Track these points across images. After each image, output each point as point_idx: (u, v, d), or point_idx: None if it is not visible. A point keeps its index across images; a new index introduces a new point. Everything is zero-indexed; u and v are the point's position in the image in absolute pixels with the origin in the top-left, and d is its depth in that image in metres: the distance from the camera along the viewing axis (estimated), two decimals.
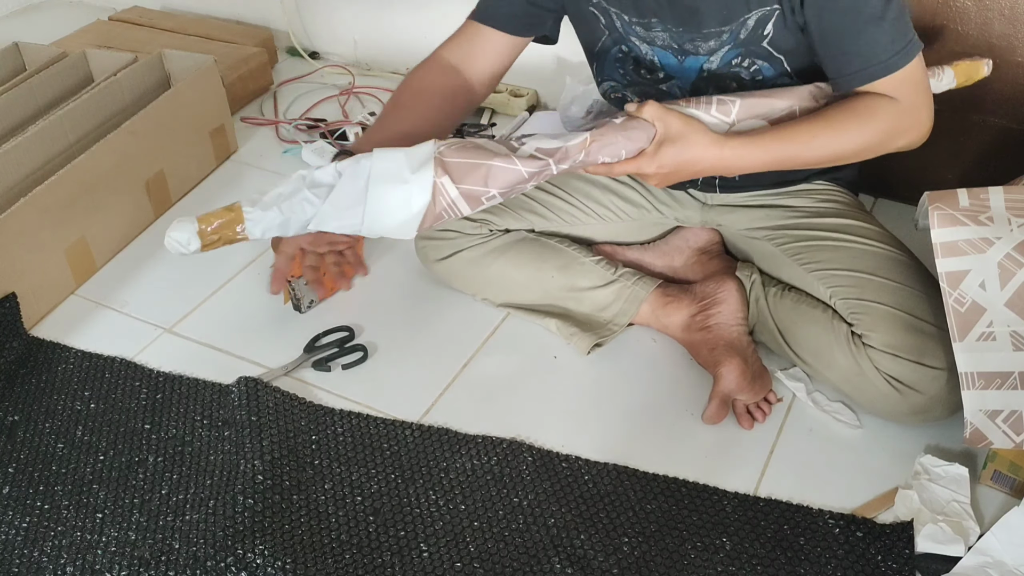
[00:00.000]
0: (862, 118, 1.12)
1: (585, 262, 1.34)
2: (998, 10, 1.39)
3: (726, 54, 1.18)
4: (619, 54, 1.28)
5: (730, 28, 1.15)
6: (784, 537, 1.08)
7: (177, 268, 1.55)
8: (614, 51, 1.27)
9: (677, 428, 1.23)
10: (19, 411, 1.27)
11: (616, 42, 1.26)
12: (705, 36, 1.16)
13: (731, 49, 1.17)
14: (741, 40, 1.16)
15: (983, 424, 1.07)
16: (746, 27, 1.14)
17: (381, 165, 1.05)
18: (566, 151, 1.08)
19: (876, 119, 1.12)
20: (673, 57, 1.22)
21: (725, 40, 1.16)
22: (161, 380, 1.31)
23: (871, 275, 1.18)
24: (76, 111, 1.58)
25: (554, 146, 1.08)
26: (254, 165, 1.83)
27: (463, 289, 1.43)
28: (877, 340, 1.14)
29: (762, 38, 1.15)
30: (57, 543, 1.09)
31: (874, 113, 1.12)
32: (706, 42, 1.17)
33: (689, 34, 1.17)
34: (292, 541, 1.07)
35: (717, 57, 1.19)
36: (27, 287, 1.41)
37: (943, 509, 1.07)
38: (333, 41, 2.21)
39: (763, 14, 1.13)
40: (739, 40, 1.16)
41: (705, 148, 1.11)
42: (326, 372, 1.33)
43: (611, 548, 1.07)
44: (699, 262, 1.38)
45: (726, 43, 1.17)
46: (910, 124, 1.14)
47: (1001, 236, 1.04)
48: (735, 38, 1.16)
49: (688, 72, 1.22)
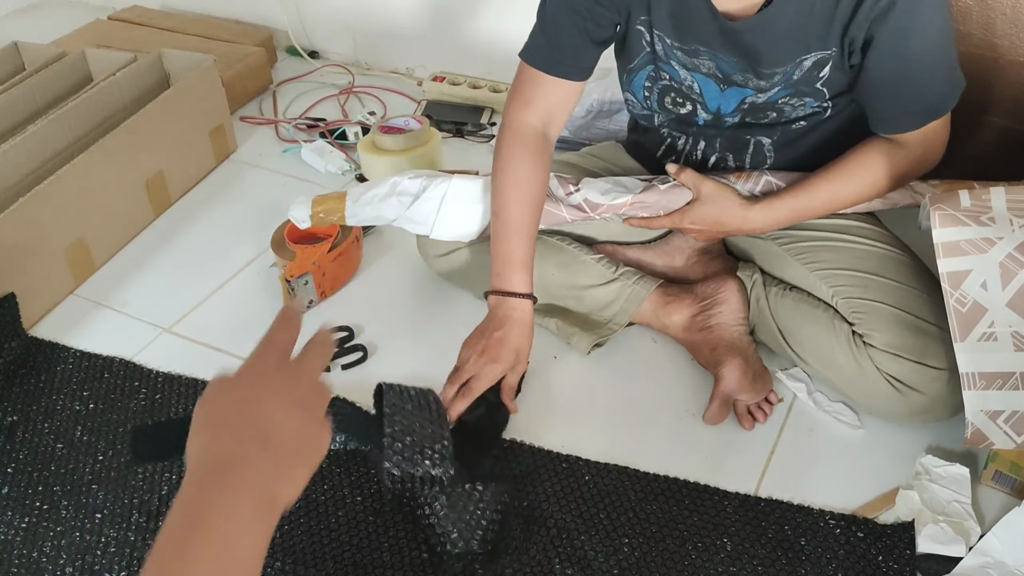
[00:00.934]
0: (880, 172, 1.17)
1: (586, 260, 1.34)
2: (1000, 10, 1.39)
3: (775, 94, 1.18)
4: (651, 73, 1.26)
5: (784, 70, 1.14)
6: (785, 537, 1.07)
7: (176, 268, 1.55)
8: (648, 70, 1.26)
9: (677, 428, 1.23)
10: (18, 411, 1.27)
11: (651, 62, 1.24)
12: (759, 74, 1.15)
13: (782, 89, 1.17)
14: (794, 81, 1.15)
15: (984, 425, 1.06)
16: (801, 68, 1.14)
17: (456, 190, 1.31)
18: (608, 208, 1.29)
19: (894, 169, 1.16)
20: (715, 85, 1.20)
21: (777, 81, 1.16)
22: (160, 380, 1.31)
23: (873, 275, 1.18)
24: (75, 111, 1.58)
25: (599, 202, 1.28)
26: (253, 165, 1.83)
27: (463, 286, 1.43)
28: (879, 340, 1.14)
29: (816, 79, 1.15)
30: (56, 543, 1.09)
31: (893, 167, 1.16)
32: (758, 79, 1.16)
33: (744, 68, 1.16)
34: (292, 541, 1.07)
35: (765, 95, 1.18)
36: (26, 287, 1.40)
37: (944, 509, 1.07)
38: (332, 40, 2.21)
39: (821, 57, 1.12)
40: (791, 81, 1.15)
41: (732, 211, 1.22)
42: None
43: (611, 548, 1.06)
44: (700, 262, 1.38)
45: (777, 84, 1.16)
46: (925, 167, 1.19)
47: (1003, 236, 1.04)
48: (788, 79, 1.15)
49: (726, 100, 1.22)
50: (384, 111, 1.99)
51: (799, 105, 1.19)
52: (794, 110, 1.20)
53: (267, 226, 1.53)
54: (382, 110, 1.99)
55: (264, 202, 1.70)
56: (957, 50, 1.12)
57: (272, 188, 1.75)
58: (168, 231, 1.65)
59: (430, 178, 1.33)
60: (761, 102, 1.20)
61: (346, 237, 1.45)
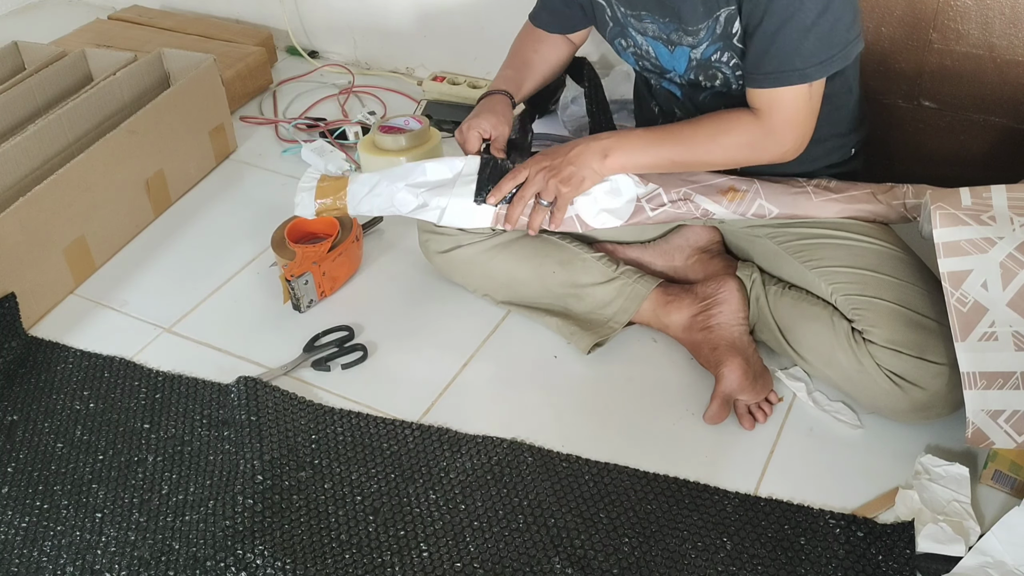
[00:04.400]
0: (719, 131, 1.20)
1: (587, 258, 1.34)
2: (999, 9, 1.39)
3: (707, 48, 1.21)
4: (621, 45, 1.32)
5: (706, 24, 1.18)
6: (785, 537, 1.07)
7: (176, 267, 1.55)
8: (617, 42, 1.32)
9: (678, 428, 1.23)
10: (18, 411, 1.27)
11: (618, 34, 1.31)
12: (687, 31, 1.21)
13: (711, 44, 1.21)
14: (718, 35, 1.19)
15: (985, 424, 1.06)
16: (719, 23, 1.18)
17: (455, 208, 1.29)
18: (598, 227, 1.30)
19: (731, 135, 1.20)
20: (664, 47, 1.26)
21: (703, 37, 1.20)
22: (160, 380, 1.31)
23: (873, 272, 1.18)
24: (75, 110, 1.58)
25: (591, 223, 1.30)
26: (253, 164, 1.83)
27: (464, 284, 1.43)
28: (878, 336, 1.14)
29: (732, 35, 1.18)
30: (56, 543, 1.09)
31: (731, 129, 1.20)
32: (688, 36, 1.21)
33: (674, 27, 1.21)
34: (292, 541, 1.07)
35: (699, 50, 1.22)
36: (26, 287, 1.40)
37: (944, 509, 1.07)
38: (332, 40, 2.21)
39: (730, 12, 1.16)
40: (716, 35, 1.19)
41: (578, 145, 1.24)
42: (326, 372, 1.32)
43: (611, 548, 1.06)
44: (699, 261, 1.38)
45: (704, 39, 1.20)
46: (769, 145, 1.20)
47: (1003, 236, 1.04)
48: (712, 33, 1.19)
49: (676, 60, 1.27)
50: (384, 111, 1.99)
51: (733, 63, 1.21)
52: (732, 69, 1.22)
53: (267, 226, 1.53)
54: (382, 110, 1.99)
55: (264, 202, 1.70)
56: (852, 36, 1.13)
57: (272, 188, 1.75)
58: (168, 231, 1.65)
59: (430, 192, 1.29)
60: (700, 58, 1.23)
61: (346, 237, 1.45)
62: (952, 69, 1.47)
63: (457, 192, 1.27)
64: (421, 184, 1.29)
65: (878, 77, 1.52)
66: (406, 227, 1.57)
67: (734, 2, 1.14)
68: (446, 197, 1.27)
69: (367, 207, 1.30)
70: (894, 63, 1.51)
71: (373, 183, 1.30)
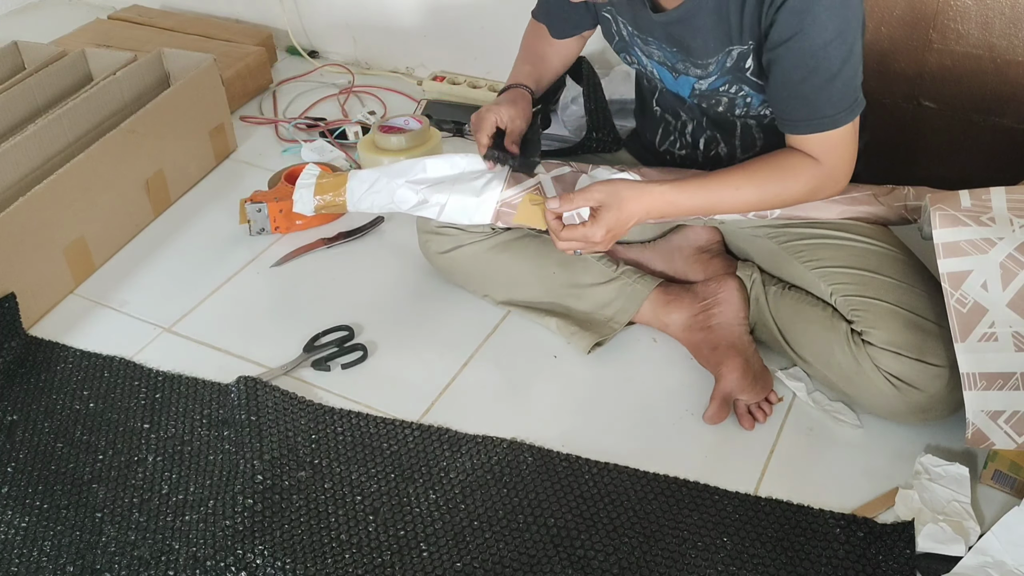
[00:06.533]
0: (786, 179, 1.18)
1: (587, 258, 1.34)
2: (999, 9, 1.39)
3: (715, 80, 1.21)
4: (626, 59, 1.31)
5: (716, 59, 1.18)
6: (784, 537, 1.07)
7: (176, 267, 1.55)
8: (622, 55, 1.31)
9: (677, 428, 1.23)
10: (18, 411, 1.27)
11: (623, 49, 1.30)
12: (696, 64, 1.20)
13: (719, 77, 1.20)
14: (728, 69, 1.19)
15: (985, 425, 1.06)
16: (731, 58, 1.17)
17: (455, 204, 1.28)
18: None
19: (798, 181, 1.18)
20: (668, 73, 1.26)
21: (712, 70, 1.20)
22: (160, 379, 1.31)
23: (872, 273, 1.18)
24: (75, 110, 1.58)
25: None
26: (253, 164, 1.83)
27: (465, 284, 1.43)
28: (878, 337, 1.14)
29: (745, 70, 1.17)
30: (56, 543, 1.09)
31: (797, 176, 1.18)
32: (696, 68, 1.21)
33: (681, 57, 1.21)
34: (292, 541, 1.07)
35: (706, 82, 1.22)
36: (26, 287, 1.40)
37: (944, 509, 1.07)
38: (332, 40, 2.21)
39: (743, 50, 1.15)
40: (726, 69, 1.19)
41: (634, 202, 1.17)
42: (326, 371, 1.33)
43: (611, 548, 1.07)
44: (699, 261, 1.38)
45: (713, 72, 1.20)
46: (829, 186, 1.20)
47: (1003, 237, 1.04)
48: (722, 67, 1.19)
49: (680, 87, 1.26)
50: (384, 111, 1.99)
51: (741, 93, 1.21)
52: (744, 100, 1.22)
53: None
54: (382, 110, 1.99)
55: None
56: (862, 78, 1.13)
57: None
58: (168, 231, 1.64)
59: (430, 189, 1.29)
60: (705, 89, 1.23)
61: None
62: (952, 69, 1.47)
63: (458, 189, 1.27)
64: (421, 181, 1.29)
65: (878, 77, 1.52)
66: (406, 227, 1.57)
67: (748, 40, 1.13)
68: (446, 194, 1.27)
69: (367, 204, 1.31)
70: (894, 63, 1.51)
71: (373, 180, 1.30)
